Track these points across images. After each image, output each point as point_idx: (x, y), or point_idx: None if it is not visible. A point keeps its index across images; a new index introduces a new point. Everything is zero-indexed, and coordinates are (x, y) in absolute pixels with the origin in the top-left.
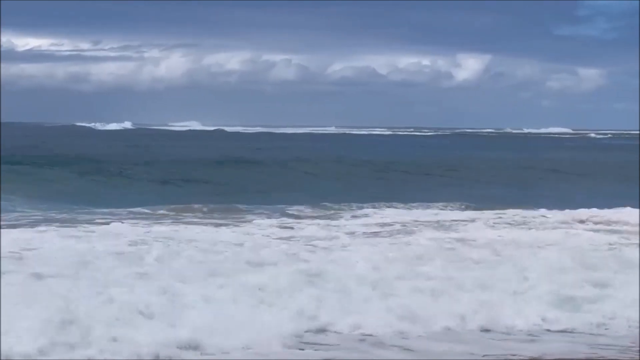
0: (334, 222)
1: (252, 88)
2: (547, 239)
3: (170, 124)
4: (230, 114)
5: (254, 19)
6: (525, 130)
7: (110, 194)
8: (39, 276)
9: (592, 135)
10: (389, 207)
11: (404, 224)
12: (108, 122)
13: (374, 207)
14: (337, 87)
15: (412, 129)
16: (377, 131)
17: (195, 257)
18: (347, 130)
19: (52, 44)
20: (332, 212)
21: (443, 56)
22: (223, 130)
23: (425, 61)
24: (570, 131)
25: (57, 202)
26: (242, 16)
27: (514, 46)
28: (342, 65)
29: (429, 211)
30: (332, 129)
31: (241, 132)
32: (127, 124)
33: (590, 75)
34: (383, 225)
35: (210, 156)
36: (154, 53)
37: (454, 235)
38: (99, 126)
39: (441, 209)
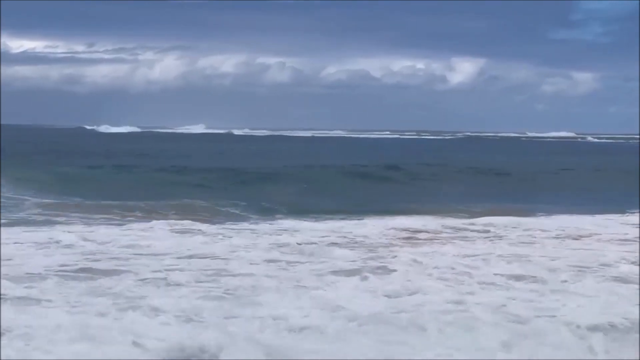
0: None
1: (246, 90)
2: None
3: (174, 127)
4: (229, 116)
5: (248, 22)
6: (528, 134)
7: None
8: None
9: (590, 138)
10: None
11: None
12: (112, 125)
13: None
14: (331, 90)
15: (413, 132)
16: (380, 134)
17: None
18: (356, 134)
19: (47, 46)
20: None
21: (437, 60)
22: (232, 134)
23: (420, 64)
24: (573, 135)
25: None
26: (237, 19)
27: (509, 50)
28: (336, 68)
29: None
30: (339, 132)
31: (252, 135)
32: (132, 127)
33: (584, 79)
34: None
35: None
36: (149, 55)
37: None
38: (103, 129)
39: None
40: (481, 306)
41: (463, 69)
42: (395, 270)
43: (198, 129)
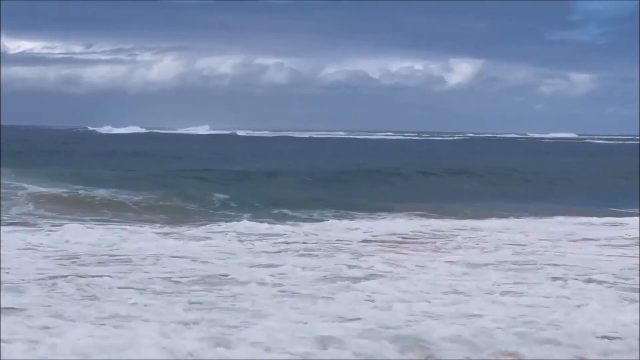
0: None
1: (245, 91)
2: None
3: (176, 127)
4: (230, 117)
5: (246, 23)
6: (528, 135)
7: None
8: None
9: (589, 140)
10: None
11: None
12: (114, 126)
13: None
14: (330, 91)
15: (414, 133)
16: (383, 135)
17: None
18: (358, 135)
19: (45, 47)
20: None
21: (435, 60)
22: (236, 135)
23: (418, 65)
24: (575, 135)
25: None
26: (235, 19)
27: (507, 51)
28: (334, 69)
29: None
30: (340, 133)
31: (257, 136)
32: (135, 128)
33: (582, 80)
34: None
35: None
36: (147, 56)
37: None
38: (105, 130)
39: None
40: (490, 317)
41: (461, 70)
42: (394, 277)
43: (203, 130)
